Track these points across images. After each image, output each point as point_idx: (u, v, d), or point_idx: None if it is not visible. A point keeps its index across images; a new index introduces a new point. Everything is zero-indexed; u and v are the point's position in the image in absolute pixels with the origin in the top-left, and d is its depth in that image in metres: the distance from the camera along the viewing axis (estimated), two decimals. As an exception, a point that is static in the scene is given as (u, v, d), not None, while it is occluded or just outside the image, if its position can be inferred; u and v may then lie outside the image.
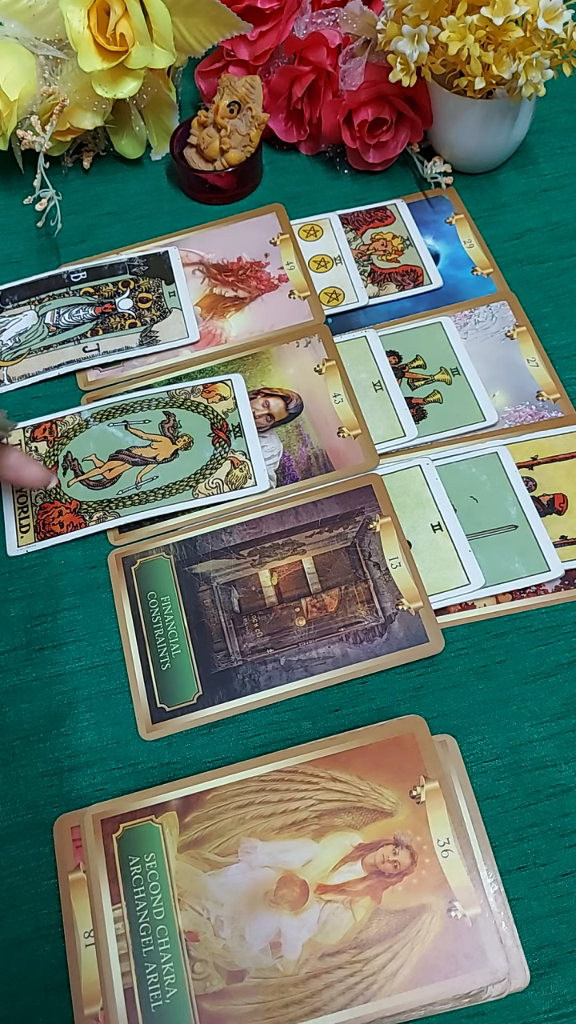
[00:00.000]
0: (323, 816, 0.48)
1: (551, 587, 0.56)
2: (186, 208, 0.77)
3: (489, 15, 0.61)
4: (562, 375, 0.65)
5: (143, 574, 0.58)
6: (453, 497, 0.59)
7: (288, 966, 0.45)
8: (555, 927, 0.46)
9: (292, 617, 0.56)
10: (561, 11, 0.62)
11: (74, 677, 0.55)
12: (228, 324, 0.69)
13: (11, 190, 0.79)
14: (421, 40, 0.65)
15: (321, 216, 0.75)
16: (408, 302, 0.70)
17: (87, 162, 0.79)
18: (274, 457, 0.62)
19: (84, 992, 0.46)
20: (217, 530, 0.59)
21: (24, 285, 0.72)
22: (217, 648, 0.55)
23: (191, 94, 0.83)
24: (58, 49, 0.74)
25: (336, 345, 0.67)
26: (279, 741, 0.52)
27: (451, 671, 0.54)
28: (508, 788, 0.50)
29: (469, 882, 0.46)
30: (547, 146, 0.78)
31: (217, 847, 0.48)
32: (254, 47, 0.76)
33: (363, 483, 0.60)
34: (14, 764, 0.53)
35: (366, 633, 0.55)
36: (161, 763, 0.52)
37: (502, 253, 0.72)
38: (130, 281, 0.72)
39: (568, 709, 0.52)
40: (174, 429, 0.64)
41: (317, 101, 0.75)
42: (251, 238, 0.74)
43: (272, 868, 0.47)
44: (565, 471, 0.60)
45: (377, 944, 0.45)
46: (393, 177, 0.77)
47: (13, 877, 0.50)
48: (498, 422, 0.63)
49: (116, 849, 0.49)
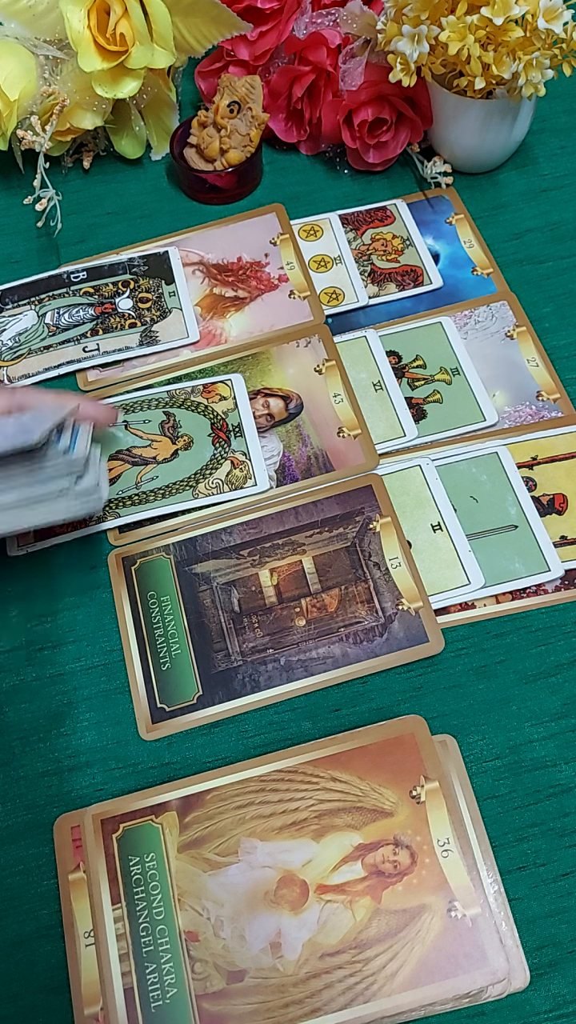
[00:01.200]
0: (323, 816, 0.48)
1: (551, 587, 0.56)
2: (186, 208, 0.77)
3: (489, 15, 0.61)
4: (562, 375, 0.65)
5: (143, 574, 0.58)
6: (453, 497, 0.59)
7: (288, 966, 0.45)
8: (555, 927, 0.46)
9: (292, 617, 0.56)
10: (561, 11, 0.62)
11: (74, 677, 0.55)
12: (228, 324, 0.69)
13: (11, 190, 0.79)
14: (421, 40, 0.65)
15: (321, 216, 0.75)
16: (408, 302, 0.70)
17: (87, 162, 0.79)
18: (274, 457, 0.62)
19: (84, 992, 0.46)
20: (217, 530, 0.59)
21: (24, 285, 0.72)
22: (217, 648, 0.55)
23: (191, 94, 0.83)
24: (58, 49, 0.74)
25: (336, 345, 0.67)
26: (279, 741, 0.52)
27: (451, 671, 0.54)
28: (508, 788, 0.50)
29: (469, 882, 0.46)
30: (547, 146, 0.78)
31: (217, 847, 0.48)
32: (254, 47, 0.76)
33: (363, 483, 0.60)
34: (14, 764, 0.53)
35: (366, 633, 0.55)
36: (161, 763, 0.52)
37: (502, 253, 0.72)
38: (130, 281, 0.72)
39: (568, 709, 0.52)
40: (174, 429, 0.64)
41: (317, 101, 0.75)
42: (251, 238, 0.74)
43: (272, 868, 0.47)
44: (565, 471, 0.60)
45: (377, 944, 0.45)
46: (393, 177, 0.77)
47: (13, 877, 0.50)
48: (498, 422, 0.63)
49: (116, 849, 0.49)
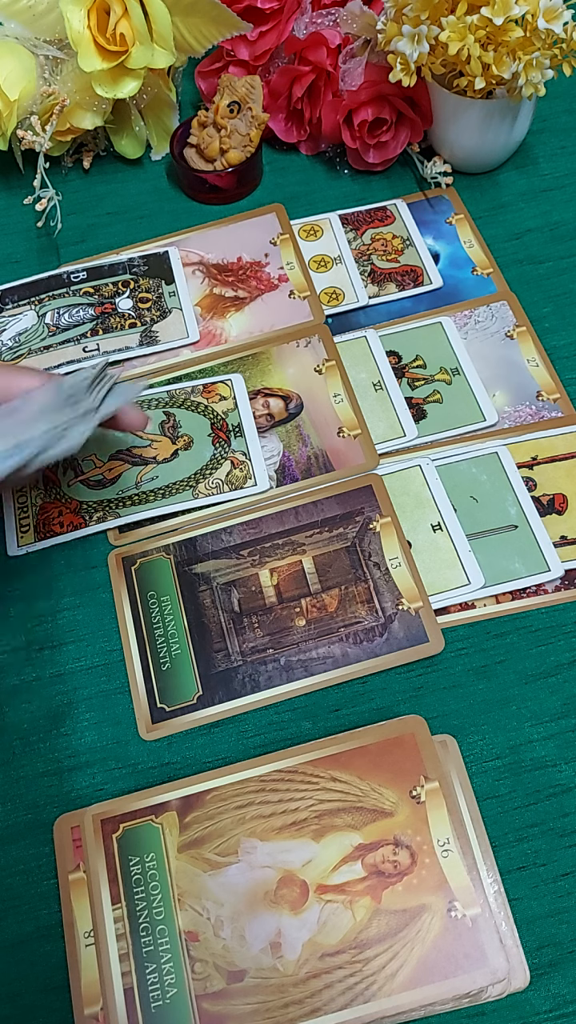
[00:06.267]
0: (323, 816, 0.48)
1: (551, 587, 0.56)
2: (186, 208, 0.77)
3: (489, 15, 0.61)
4: (562, 375, 0.65)
5: (143, 574, 0.58)
6: (453, 497, 0.59)
7: (288, 966, 0.45)
8: (555, 927, 0.46)
9: (292, 617, 0.56)
10: (561, 11, 0.62)
11: (74, 677, 0.55)
12: (228, 324, 0.69)
13: (11, 190, 0.79)
14: (421, 40, 0.65)
15: (321, 216, 0.75)
16: (408, 302, 0.70)
17: (87, 162, 0.79)
18: (274, 457, 0.62)
19: (84, 992, 0.46)
20: (217, 530, 0.59)
21: (24, 285, 0.72)
22: (217, 648, 0.55)
23: (191, 94, 0.83)
24: (58, 49, 0.74)
25: (336, 345, 0.67)
26: (279, 741, 0.52)
27: (451, 671, 0.54)
28: (508, 788, 0.50)
29: (469, 882, 0.46)
30: (547, 146, 0.78)
31: (217, 847, 0.48)
32: (254, 47, 0.76)
33: (363, 483, 0.60)
34: (14, 764, 0.53)
35: (366, 633, 0.55)
36: (161, 763, 0.52)
37: (502, 253, 0.72)
38: (130, 281, 0.72)
39: (568, 709, 0.52)
40: (174, 429, 0.64)
41: (317, 101, 0.75)
42: (251, 238, 0.74)
43: (272, 868, 0.47)
44: (565, 471, 0.60)
45: (377, 944, 0.45)
46: (393, 177, 0.77)
47: (13, 877, 0.50)
48: (498, 422, 0.63)
49: (116, 849, 0.49)
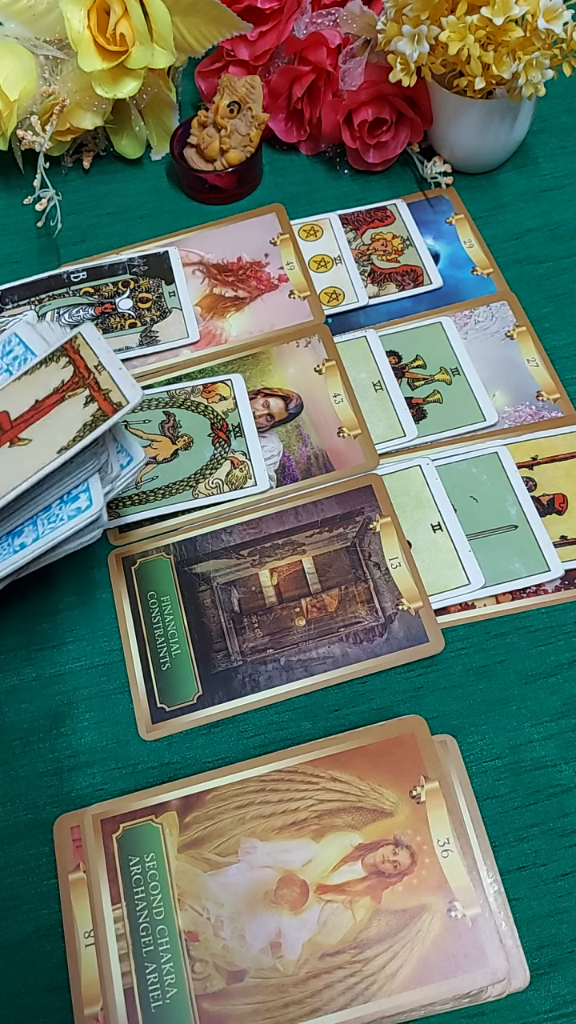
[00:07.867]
0: (323, 816, 0.48)
1: (551, 587, 0.56)
2: (186, 208, 0.77)
3: (489, 15, 0.61)
4: (562, 375, 0.65)
5: (143, 574, 0.58)
6: (453, 497, 0.59)
7: (288, 966, 0.45)
8: (555, 927, 0.46)
9: (292, 617, 0.56)
10: (561, 11, 0.62)
11: (74, 677, 0.55)
12: (228, 324, 0.69)
13: (11, 190, 0.79)
14: (421, 40, 0.65)
15: (321, 216, 0.75)
16: (408, 302, 0.70)
17: (87, 162, 0.79)
18: (274, 457, 0.62)
19: (84, 992, 0.46)
20: (217, 530, 0.59)
21: (24, 285, 0.72)
22: (217, 648, 0.55)
23: (191, 94, 0.83)
24: (58, 49, 0.74)
25: (336, 345, 0.67)
26: (279, 741, 0.52)
27: (451, 671, 0.54)
28: (508, 788, 0.50)
29: (469, 882, 0.46)
30: (547, 146, 0.78)
31: (217, 847, 0.48)
32: (254, 47, 0.76)
33: (363, 483, 0.60)
34: (14, 764, 0.53)
35: (366, 633, 0.55)
36: (161, 763, 0.52)
37: (502, 253, 0.72)
38: (130, 281, 0.72)
39: (568, 709, 0.52)
40: (174, 429, 0.64)
41: (317, 101, 0.75)
42: (251, 238, 0.74)
43: (272, 868, 0.47)
44: (565, 471, 0.60)
45: (377, 944, 0.45)
46: (393, 177, 0.77)
47: (13, 877, 0.50)
48: (498, 422, 0.63)
49: (116, 849, 0.49)
